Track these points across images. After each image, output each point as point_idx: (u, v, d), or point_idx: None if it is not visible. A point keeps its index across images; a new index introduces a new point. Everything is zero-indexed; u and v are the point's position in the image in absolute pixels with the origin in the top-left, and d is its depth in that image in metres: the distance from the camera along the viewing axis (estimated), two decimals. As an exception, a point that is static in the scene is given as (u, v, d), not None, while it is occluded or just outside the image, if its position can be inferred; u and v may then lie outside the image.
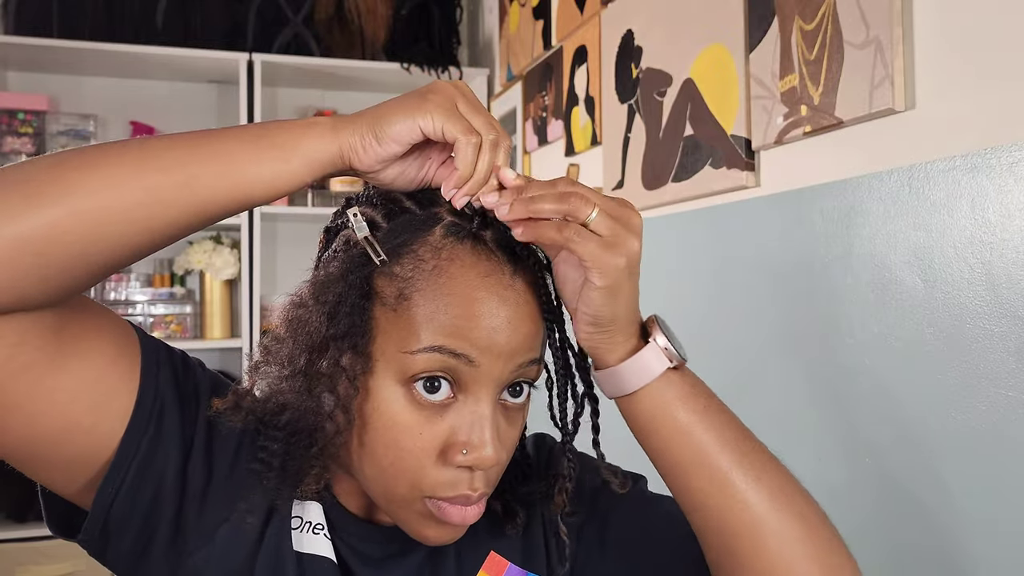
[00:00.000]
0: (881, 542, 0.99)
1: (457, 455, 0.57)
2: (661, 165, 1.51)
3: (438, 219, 0.60)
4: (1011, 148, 0.83)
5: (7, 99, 2.51)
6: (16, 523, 2.32)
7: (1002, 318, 0.84)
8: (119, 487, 0.58)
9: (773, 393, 1.17)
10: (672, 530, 0.67)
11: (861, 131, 1.04)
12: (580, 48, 1.92)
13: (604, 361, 0.60)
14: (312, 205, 2.65)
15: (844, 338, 1.05)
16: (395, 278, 0.58)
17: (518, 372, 0.60)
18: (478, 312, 0.57)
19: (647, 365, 0.59)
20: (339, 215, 0.66)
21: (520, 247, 0.60)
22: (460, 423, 0.58)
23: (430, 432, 0.58)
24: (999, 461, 0.84)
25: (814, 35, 1.10)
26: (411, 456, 0.58)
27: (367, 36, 2.73)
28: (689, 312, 1.39)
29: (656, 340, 0.60)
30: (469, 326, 0.57)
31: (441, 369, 0.57)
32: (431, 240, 0.59)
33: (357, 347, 0.58)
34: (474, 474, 0.59)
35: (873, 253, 1.01)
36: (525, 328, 0.59)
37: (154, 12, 2.60)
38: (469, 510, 0.59)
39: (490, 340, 0.57)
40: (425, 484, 0.58)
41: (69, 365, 0.55)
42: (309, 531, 0.63)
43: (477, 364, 0.57)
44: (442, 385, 0.58)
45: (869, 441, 1.01)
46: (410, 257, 0.59)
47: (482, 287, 0.58)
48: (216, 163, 0.53)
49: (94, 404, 0.56)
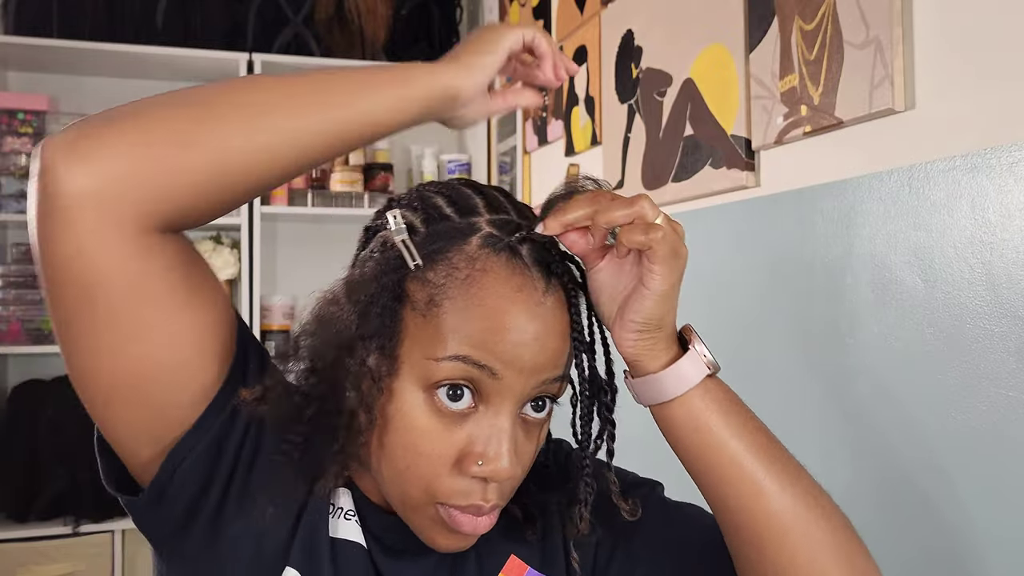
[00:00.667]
0: (881, 541, 0.99)
1: (472, 465, 0.58)
2: (661, 165, 1.51)
3: (476, 229, 0.60)
4: (1011, 148, 0.83)
5: (7, 99, 2.51)
6: (16, 523, 2.32)
7: (1002, 318, 0.84)
8: (190, 452, 0.58)
9: (773, 393, 1.17)
10: (696, 534, 0.67)
11: (861, 131, 1.04)
12: (580, 48, 1.92)
13: (645, 368, 0.61)
14: (312, 205, 2.65)
15: (844, 338, 1.05)
16: (427, 284, 0.59)
17: (541, 388, 0.60)
18: (506, 326, 0.57)
19: (687, 373, 0.60)
20: (379, 215, 0.66)
21: (556, 264, 0.61)
22: (478, 434, 0.58)
23: (448, 439, 0.58)
24: (999, 461, 0.84)
25: (814, 35, 1.10)
26: (427, 461, 0.58)
27: (367, 36, 2.73)
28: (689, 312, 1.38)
29: (695, 347, 0.60)
30: (496, 339, 0.57)
31: (464, 378, 0.58)
32: (467, 249, 0.59)
33: (384, 349, 0.59)
34: (488, 485, 0.59)
35: (873, 253, 1.01)
36: (552, 345, 0.59)
37: (154, 12, 2.60)
38: (480, 520, 0.60)
39: (515, 355, 0.57)
40: (439, 490, 0.59)
41: (195, 305, 0.56)
42: (341, 516, 0.64)
43: (500, 377, 0.58)
44: (464, 394, 0.58)
45: (869, 441, 1.01)
46: (444, 264, 0.59)
47: (513, 301, 0.58)
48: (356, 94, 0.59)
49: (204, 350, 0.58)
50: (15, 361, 2.57)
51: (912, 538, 0.95)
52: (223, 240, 2.64)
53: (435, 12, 2.77)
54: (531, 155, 2.27)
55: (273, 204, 2.61)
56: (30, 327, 2.49)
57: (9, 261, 2.59)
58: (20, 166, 2.46)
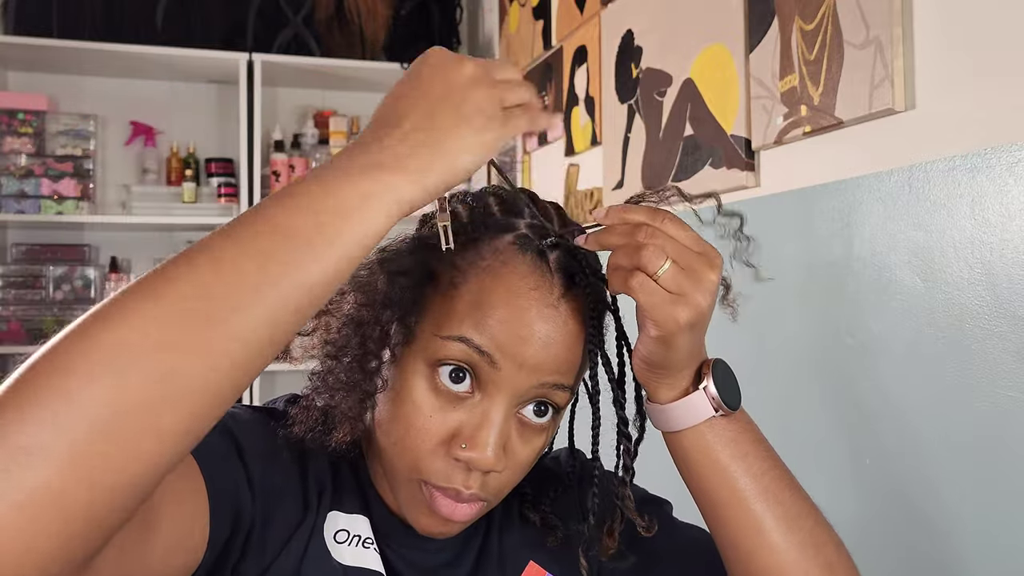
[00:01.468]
0: (879, 541, 0.99)
1: (457, 448, 0.59)
2: (661, 165, 1.50)
3: (512, 228, 0.63)
4: (1011, 148, 0.83)
5: (7, 99, 2.51)
6: (16, 523, 2.32)
7: (1002, 318, 0.84)
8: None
9: (772, 393, 1.17)
10: (700, 556, 0.68)
11: (861, 131, 1.04)
12: (580, 48, 1.92)
13: (654, 397, 0.62)
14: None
15: (844, 338, 1.05)
16: (452, 267, 0.61)
17: (541, 391, 0.61)
18: (513, 319, 0.59)
19: (693, 410, 0.60)
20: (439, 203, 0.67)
21: (580, 276, 0.61)
22: (469, 419, 0.59)
23: (440, 418, 0.59)
24: (999, 461, 0.84)
25: (814, 35, 1.10)
26: (417, 435, 0.59)
27: (367, 36, 2.73)
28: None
29: (706, 388, 0.60)
30: (500, 328, 0.58)
31: (466, 361, 0.59)
32: (497, 243, 0.61)
33: (404, 319, 0.61)
34: (471, 474, 0.59)
35: (873, 253, 1.01)
36: (555, 350, 0.60)
37: (154, 12, 2.60)
38: (459, 507, 0.60)
39: (516, 349, 0.58)
40: (423, 467, 0.60)
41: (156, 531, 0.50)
42: (358, 545, 0.64)
43: (499, 367, 0.58)
44: (466, 378, 0.60)
45: (869, 441, 1.01)
46: (472, 252, 0.61)
47: (525, 297, 0.59)
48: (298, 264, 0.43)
49: (178, 545, 0.53)
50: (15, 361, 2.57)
51: (910, 537, 0.95)
52: (223, 240, 2.64)
53: (435, 12, 2.77)
54: (531, 155, 2.27)
55: (273, 204, 2.60)
56: (30, 327, 2.49)
57: (9, 261, 2.59)
58: (20, 166, 2.46)
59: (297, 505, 0.63)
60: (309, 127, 2.80)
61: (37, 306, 2.51)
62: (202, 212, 2.60)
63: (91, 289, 2.59)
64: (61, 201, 2.47)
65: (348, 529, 0.65)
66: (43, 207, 2.46)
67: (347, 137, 2.78)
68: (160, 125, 2.73)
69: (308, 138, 2.79)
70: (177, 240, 2.74)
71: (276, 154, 2.65)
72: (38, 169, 2.47)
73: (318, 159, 2.75)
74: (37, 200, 2.46)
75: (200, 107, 2.78)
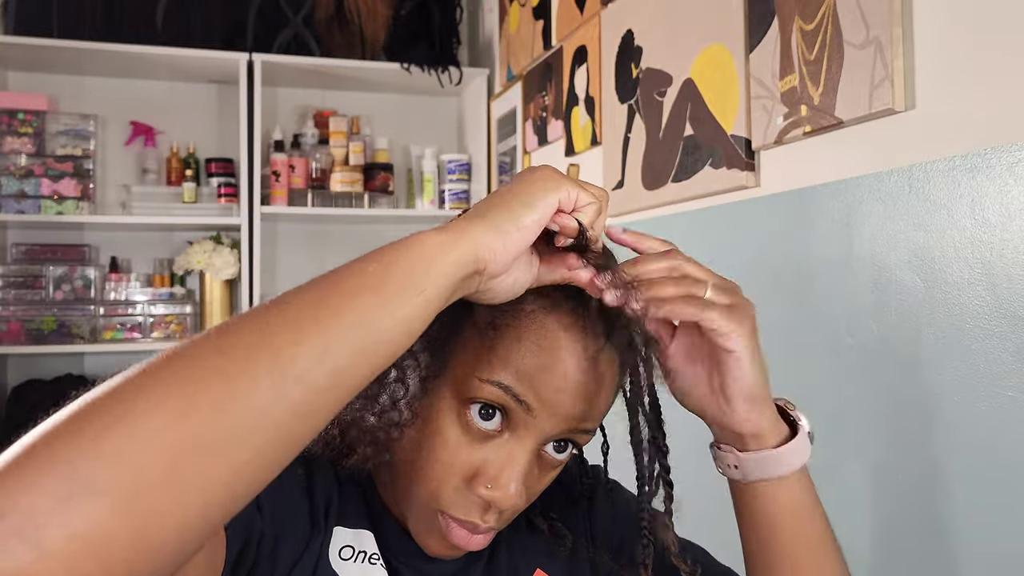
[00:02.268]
0: (879, 540, 0.99)
1: (481, 487, 0.59)
2: (661, 165, 1.50)
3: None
4: (1011, 148, 0.83)
5: (7, 99, 2.51)
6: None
7: (1002, 318, 0.84)
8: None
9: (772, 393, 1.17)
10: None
11: (861, 131, 1.04)
12: (580, 48, 1.92)
13: (765, 441, 0.60)
14: (312, 205, 2.65)
15: (844, 338, 1.05)
16: (495, 307, 0.59)
17: (567, 433, 0.61)
18: (554, 370, 0.58)
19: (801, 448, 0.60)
20: None
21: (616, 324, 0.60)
22: (495, 458, 0.59)
23: (466, 454, 0.59)
24: (999, 461, 0.84)
25: (814, 35, 1.10)
26: (441, 468, 0.59)
27: (367, 36, 2.73)
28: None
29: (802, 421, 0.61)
30: (540, 379, 0.58)
31: (498, 402, 0.59)
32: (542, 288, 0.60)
33: (437, 353, 0.60)
34: (490, 509, 0.60)
35: (873, 253, 1.01)
36: (592, 401, 0.60)
37: (154, 12, 2.60)
38: (475, 538, 0.61)
39: (554, 399, 0.58)
40: (443, 498, 0.59)
41: None
42: (364, 561, 0.64)
43: (534, 415, 0.58)
44: (496, 416, 0.59)
45: (868, 441, 1.01)
46: None
47: (566, 349, 0.58)
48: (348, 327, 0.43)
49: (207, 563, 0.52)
50: (15, 361, 2.57)
51: (910, 537, 0.95)
52: (223, 240, 2.64)
53: (435, 12, 2.77)
54: (531, 155, 2.27)
55: (273, 204, 2.61)
56: (30, 327, 2.49)
57: (9, 261, 2.59)
58: (20, 166, 2.46)
59: (305, 522, 0.62)
60: (309, 127, 2.80)
61: (37, 306, 2.51)
62: (202, 212, 2.60)
63: (91, 289, 2.59)
64: (61, 201, 2.47)
65: (353, 545, 0.64)
66: (43, 207, 2.46)
67: (347, 137, 2.78)
68: (160, 125, 2.73)
69: (308, 138, 2.79)
70: (177, 240, 2.74)
71: (276, 154, 2.65)
72: (38, 169, 2.47)
73: (318, 159, 2.75)
74: (37, 200, 2.46)
75: (200, 107, 2.78)
